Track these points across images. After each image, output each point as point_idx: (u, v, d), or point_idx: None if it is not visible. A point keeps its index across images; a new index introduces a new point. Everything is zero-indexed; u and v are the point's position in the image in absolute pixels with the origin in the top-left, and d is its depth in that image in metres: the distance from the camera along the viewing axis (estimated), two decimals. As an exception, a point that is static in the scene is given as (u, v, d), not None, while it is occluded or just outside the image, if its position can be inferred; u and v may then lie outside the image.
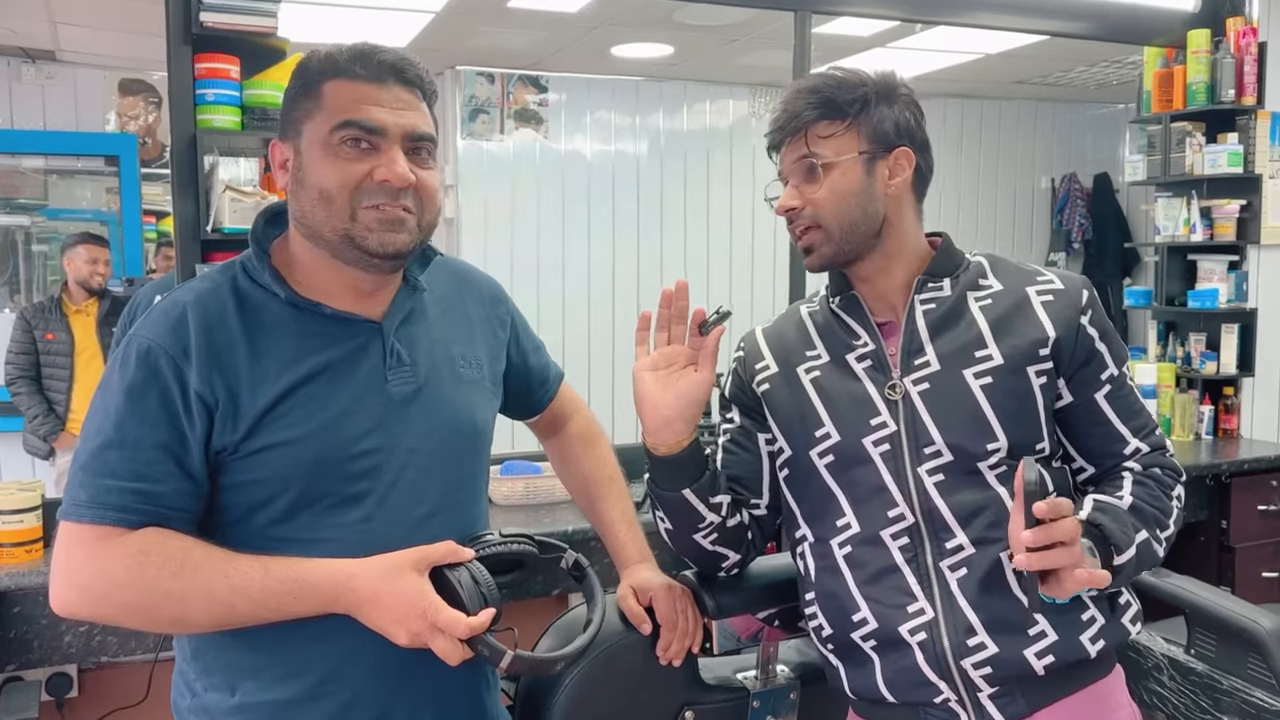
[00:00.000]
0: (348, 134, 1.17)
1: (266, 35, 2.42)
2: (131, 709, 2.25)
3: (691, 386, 1.29)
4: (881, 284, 1.36)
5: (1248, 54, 3.51)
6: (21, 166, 4.77)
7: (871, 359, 1.34)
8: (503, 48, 4.70)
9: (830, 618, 1.35)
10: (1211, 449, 3.42)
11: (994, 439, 1.28)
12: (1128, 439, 1.34)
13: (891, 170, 1.33)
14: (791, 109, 1.32)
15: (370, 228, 1.18)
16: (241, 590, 1.11)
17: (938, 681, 1.28)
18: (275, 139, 1.23)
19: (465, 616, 1.11)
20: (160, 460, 1.13)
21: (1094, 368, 1.32)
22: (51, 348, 4.15)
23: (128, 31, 4.13)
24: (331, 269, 1.22)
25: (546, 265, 5.20)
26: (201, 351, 1.14)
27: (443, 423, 1.26)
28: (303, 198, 1.19)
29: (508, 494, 2.66)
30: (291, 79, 1.22)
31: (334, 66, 1.18)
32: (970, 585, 1.27)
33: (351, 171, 1.17)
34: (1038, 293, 1.33)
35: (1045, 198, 6.25)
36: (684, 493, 1.33)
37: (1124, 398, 1.34)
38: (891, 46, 4.52)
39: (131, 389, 1.13)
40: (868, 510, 1.31)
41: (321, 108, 1.18)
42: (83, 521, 1.12)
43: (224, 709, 1.20)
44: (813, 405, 1.35)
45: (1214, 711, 1.87)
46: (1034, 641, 1.26)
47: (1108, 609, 1.31)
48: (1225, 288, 3.60)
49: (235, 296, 1.20)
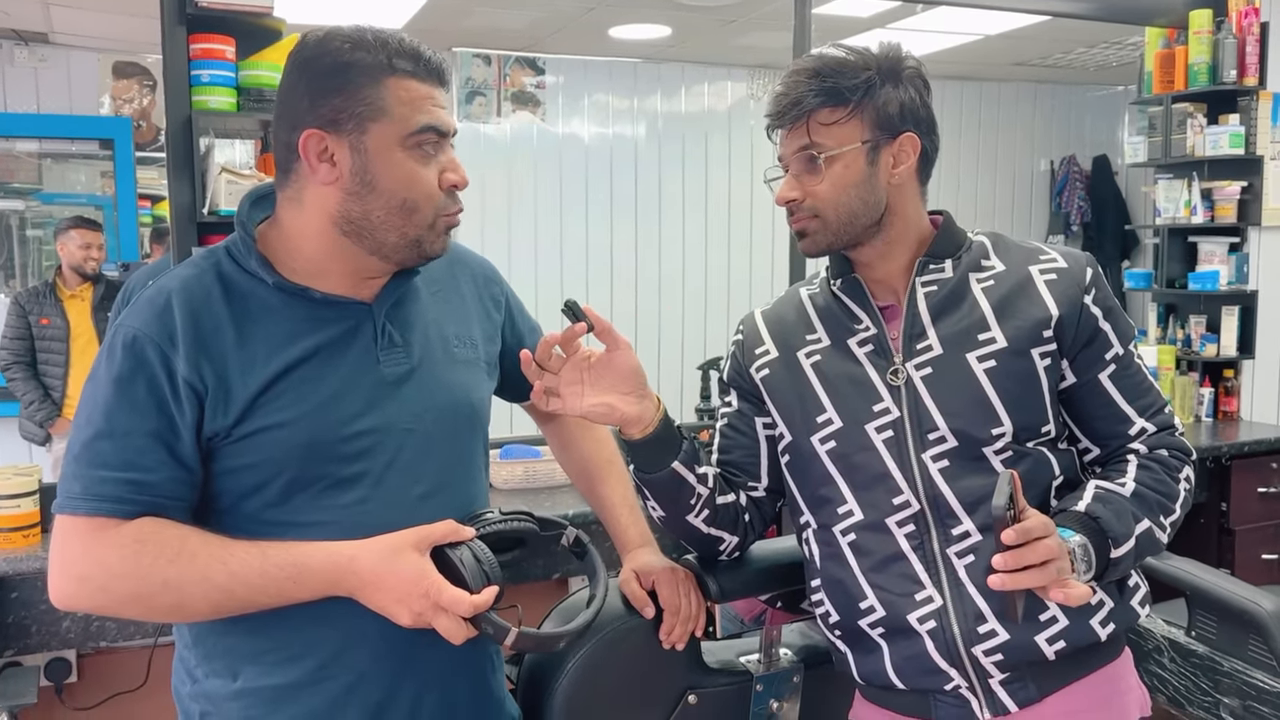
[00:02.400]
0: (428, 138, 1.17)
1: (262, 15, 2.40)
2: (130, 694, 2.25)
3: (621, 363, 1.25)
4: (882, 268, 1.35)
5: (1250, 34, 3.49)
6: (15, 150, 4.74)
7: (873, 343, 1.32)
8: (499, 28, 4.68)
9: (837, 605, 1.34)
10: (1211, 431, 3.42)
11: (999, 423, 1.26)
12: (1133, 419, 1.32)
13: (896, 157, 1.30)
14: (793, 94, 1.28)
15: (440, 234, 1.21)
16: (239, 577, 1.10)
17: (948, 669, 1.27)
18: (310, 127, 1.15)
19: (469, 595, 1.10)
20: (152, 449, 1.12)
21: (1098, 347, 1.30)
22: (46, 333, 4.14)
23: (121, 13, 4.10)
24: (346, 257, 1.20)
25: (544, 249, 5.18)
26: (188, 338, 1.13)
27: (437, 403, 1.25)
28: (372, 202, 1.16)
29: (507, 478, 2.66)
30: (328, 64, 1.15)
31: (392, 64, 1.15)
32: (979, 572, 1.24)
33: (432, 179, 1.18)
34: (1040, 271, 1.31)
35: (1044, 180, 6.24)
36: (673, 466, 1.31)
37: (1130, 377, 1.32)
38: (891, 27, 4.50)
39: (119, 379, 1.13)
40: (871, 497, 1.30)
41: (390, 108, 1.15)
42: (77, 514, 1.11)
43: (225, 694, 1.20)
44: (814, 391, 1.34)
45: (1214, 693, 1.87)
46: (1045, 627, 1.26)
47: (1116, 592, 1.30)
48: (1226, 270, 3.59)
49: (221, 282, 1.18)
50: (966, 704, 1.29)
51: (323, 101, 1.15)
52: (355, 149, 1.15)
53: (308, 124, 1.15)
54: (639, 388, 1.27)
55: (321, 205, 1.18)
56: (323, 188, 1.17)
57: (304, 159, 1.16)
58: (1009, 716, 1.28)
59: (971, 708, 1.28)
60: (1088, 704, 1.29)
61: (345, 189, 1.16)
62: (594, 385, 1.26)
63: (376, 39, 1.16)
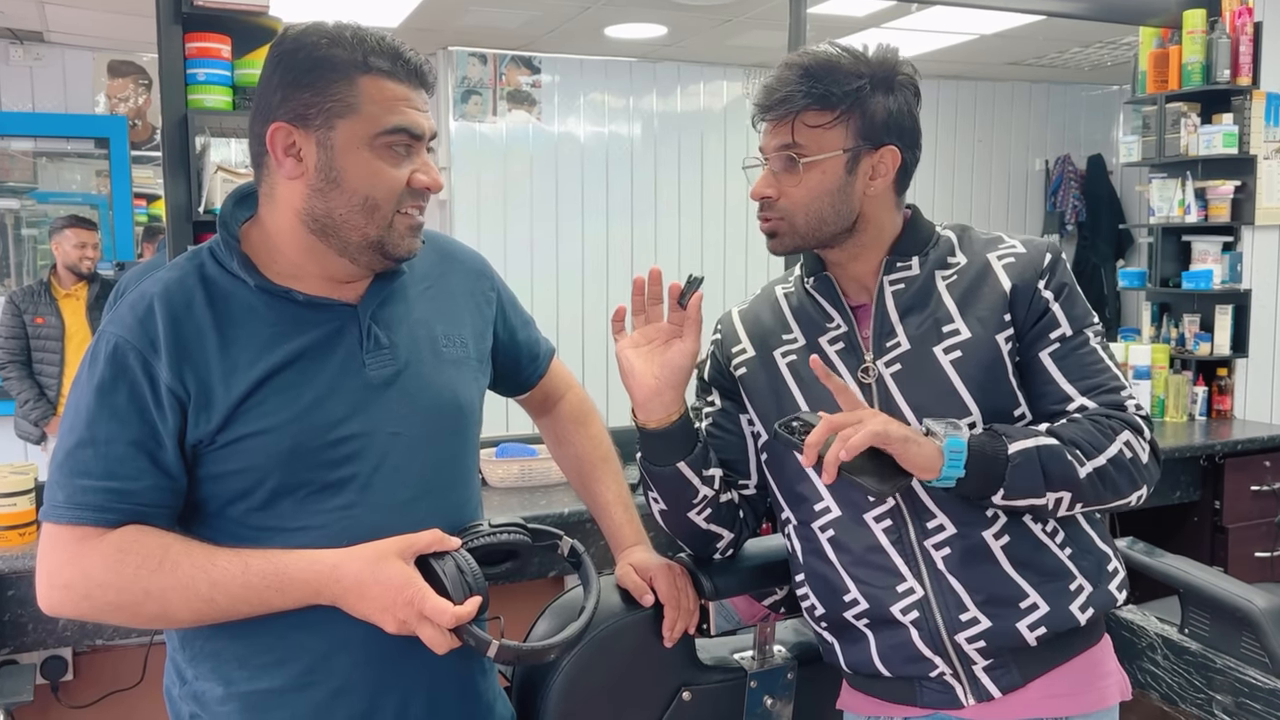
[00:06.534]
0: (398, 139, 1.15)
1: (258, 14, 2.39)
2: (126, 692, 2.25)
3: (677, 355, 1.29)
4: (853, 268, 1.36)
5: (1243, 34, 3.50)
6: (10, 149, 4.74)
7: (844, 341, 1.34)
8: (495, 27, 4.67)
9: (821, 598, 1.36)
10: (1205, 430, 3.43)
11: (966, 411, 1.28)
12: (1073, 397, 1.29)
13: (875, 169, 1.30)
14: (782, 90, 1.28)
15: (402, 235, 1.18)
16: (221, 586, 1.10)
17: (932, 656, 1.29)
18: (279, 120, 1.14)
19: (452, 605, 1.10)
20: (133, 457, 1.12)
21: (1044, 325, 1.30)
22: (42, 332, 4.13)
23: (116, 12, 4.09)
24: (318, 258, 1.19)
25: (540, 248, 5.18)
26: (170, 345, 1.13)
27: (425, 404, 1.24)
28: (335, 199, 1.15)
29: (502, 476, 2.66)
30: (302, 59, 1.14)
31: (367, 62, 1.14)
32: (955, 562, 1.27)
33: (398, 179, 1.16)
34: (999, 258, 1.32)
35: (1039, 180, 6.24)
36: (678, 466, 1.32)
37: (1077, 357, 1.30)
38: (886, 26, 4.50)
39: (101, 387, 1.12)
40: (847, 493, 1.31)
41: (361, 105, 1.13)
42: (61, 522, 1.11)
43: (214, 697, 1.20)
44: (789, 390, 1.36)
45: (1207, 690, 1.88)
46: (1026, 614, 1.27)
47: (1095, 575, 1.32)
48: (1219, 269, 3.60)
49: (203, 285, 1.17)
50: (951, 690, 1.30)
51: (294, 95, 1.14)
52: (322, 145, 1.14)
53: (277, 117, 1.14)
54: (674, 384, 1.30)
55: (289, 201, 1.17)
56: (289, 183, 1.16)
57: (271, 152, 1.15)
58: (992, 702, 1.30)
59: (956, 693, 1.30)
60: (1069, 688, 1.31)
61: (310, 185, 1.15)
62: (650, 353, 1.30)
63: (355, 36, 1.15)
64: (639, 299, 1.32)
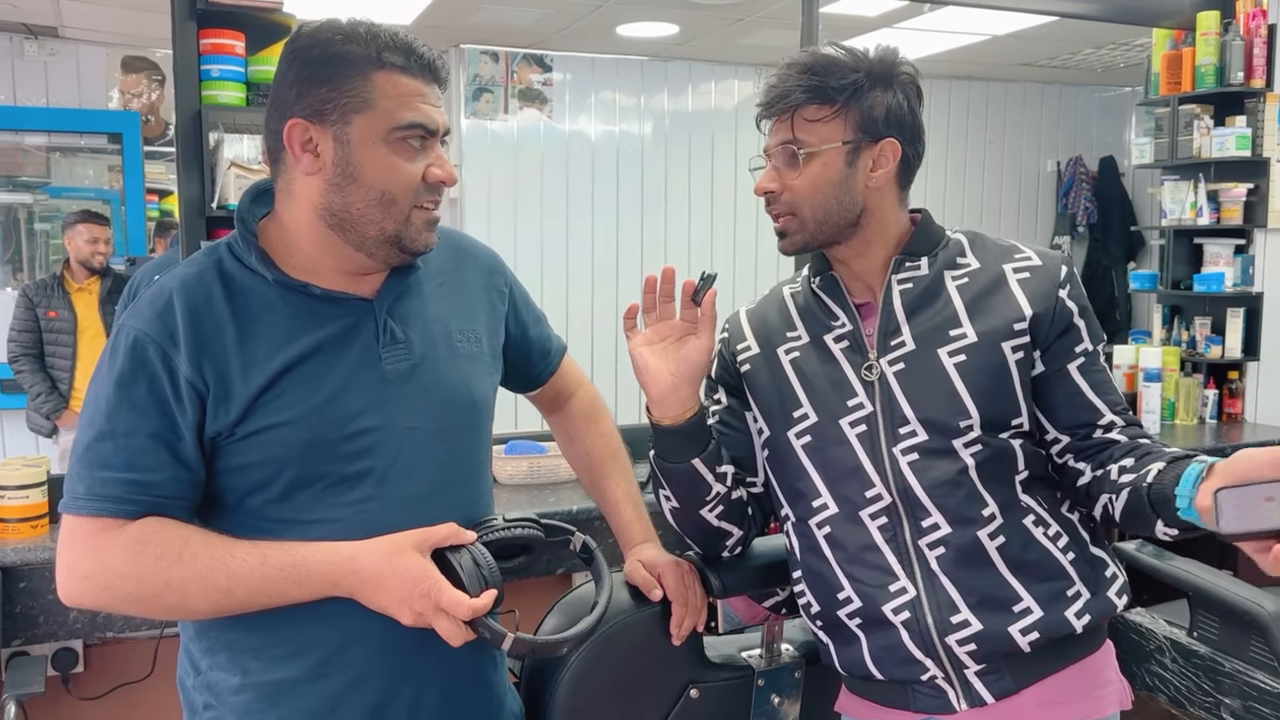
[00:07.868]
0: (413, 134, 1.16)
1: (272, 10, 2.40)
2: (137, 684, 2.26)
3: (692, 352, 1.30)
4: (859, 266, 1.36)
5: (1257, 36, 3.49)
6: (24, 144, 4.76)
7: (849, 339, 1.34)
8: (507, 25, 4.68)
9: (817, 596, 1.37)
10: (1216, 433, 3.42)
11: (966, 415, 1.28)
12: (1103, 411, 1.32)
13: (875, 162, 1.31)
14: (782, 87, 1.30)
15: (419, 229, 1.19)
16: (240, 578, 1.11)
17: (924, 659, 1.29)
18: (296, 116, 1.15)
19: (468, 598, 1.11)
20: (153, 449, 1.13)
21: (1069, 339, 1.31)
22: (54, 325, 4.15)
23: (131, 7, 4.11)
24: (335, 252, 1.20)
25: (550, 246, 5.19)
26: (189, 338, 1.14)
27: (440, 399, 1.25)
28: (352, 194, 1.16)
29: (512, 473, 2.66)
30: (318, 55, 1.15)
31: (381, 57, 1.15)
32: (948, 563, 1.27)
33: (413, 173, 1.17)
34: (1014, 270, 1.32)
35: (1050, 181, 6.23)
36: (693, 463, 1.33)
37: (1098, 373, 1.33)
38: (898, 27, 4.50)
39: (121, 379, 1.13)
40: (844, 491, 1.32)
41: (376, 101, 1.14)
42: (81, 514, 1.12)
43: (228, 687, 1.20)
44: (791, 386, 1.36)
45: (1215, 694, 1.88)
46: (1018, 618, 1.27)
47: (1093, 583, 1.31)
48: (1231, 272, 3.59)
49: (221, 280, 1.18)
50: (944, 694, 1.30)
51: (310, 91, 1.15)
52: (338, 140, 1.15)
53: (294, 113, 1.15)
54: (690, 380, 1.30)
55: (306, 196, 1.18)
56: (307, 178, 1.17)
57: (288, 148, 1.16)
58: (986, 708, 1.29)
59: (948, 698, 1.30)
60: (1064, 695, 1.30)
61: (327, 180, 1.16)
62: (665, 350, 1.31)
63: (369, 32, 1.16)
64: (650, 297, 1.33)
